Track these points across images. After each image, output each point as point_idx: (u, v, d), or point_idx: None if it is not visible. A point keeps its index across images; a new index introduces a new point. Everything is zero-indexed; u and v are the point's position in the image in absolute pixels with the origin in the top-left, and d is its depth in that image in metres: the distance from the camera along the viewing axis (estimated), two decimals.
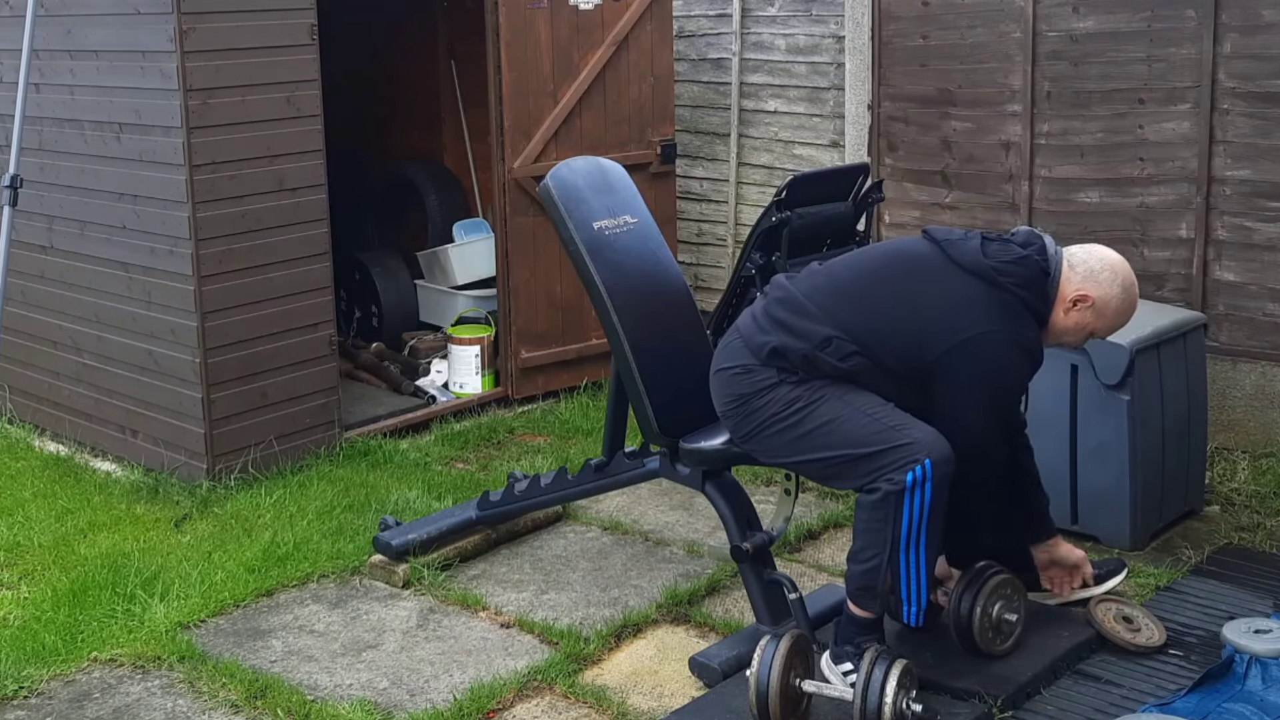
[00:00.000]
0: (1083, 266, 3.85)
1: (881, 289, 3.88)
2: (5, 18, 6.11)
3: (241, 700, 4.07)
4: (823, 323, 3.83)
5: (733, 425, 4.03)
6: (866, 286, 3.90)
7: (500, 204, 6.63)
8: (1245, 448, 5.74)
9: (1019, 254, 3.82)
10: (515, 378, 6.75)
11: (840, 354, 3.80)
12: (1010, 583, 4.05)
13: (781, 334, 3.87)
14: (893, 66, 6.74)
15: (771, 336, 3.88)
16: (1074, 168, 6.17)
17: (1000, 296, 3.77)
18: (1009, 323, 3.76)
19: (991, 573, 4.02)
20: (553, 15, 6.57)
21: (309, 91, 5.76)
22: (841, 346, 3.80)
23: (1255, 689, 3.81)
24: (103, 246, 5.91)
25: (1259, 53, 5.64)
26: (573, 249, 4.40)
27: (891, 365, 3.81)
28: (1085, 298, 3.83)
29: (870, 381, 3.82)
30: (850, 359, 3.80)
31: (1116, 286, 3.85)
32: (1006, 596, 4.01)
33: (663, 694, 4.08)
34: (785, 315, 3.90)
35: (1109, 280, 3.84)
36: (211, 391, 5.61)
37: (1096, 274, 3.84)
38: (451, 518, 5.06)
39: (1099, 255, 3.89)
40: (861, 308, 3.85)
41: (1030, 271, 3.81)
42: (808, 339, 3.83)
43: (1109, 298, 3.84)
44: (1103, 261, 3.86)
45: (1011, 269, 3.79)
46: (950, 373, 3.76)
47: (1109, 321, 3.90)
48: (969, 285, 3.79)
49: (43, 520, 5.41)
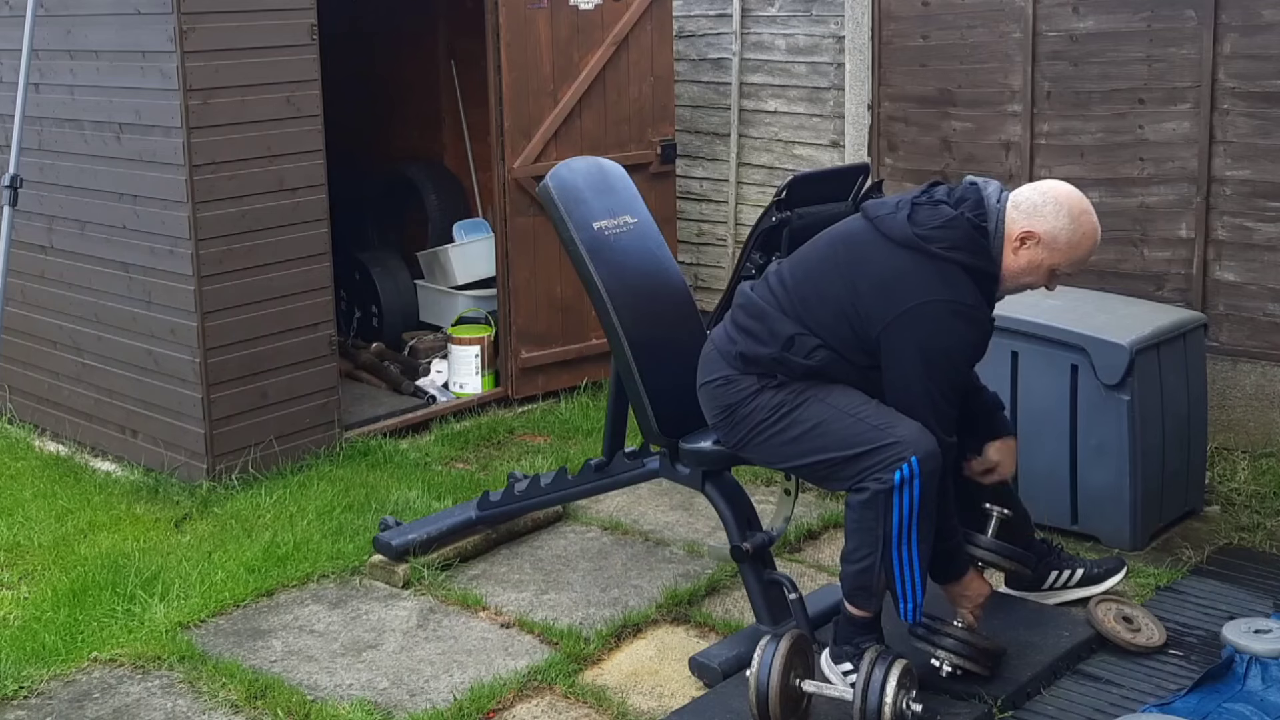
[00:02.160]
0: (1026, 203, 3.75)
1: (824, 277, 3.85)
2: (5, 18, 6.11)
3: (241, 700, 4.07)
4: (782, 323, 3.84)
5: (724, 435, 4.05)
6: (812, 276, 3.88)
7: (500, 204, 6.63)
8: (1245, 448, 5.74)
9: (947, 216, 3.75)
10: (515, 378, 6.75)
11: (804, 351, 3.80)
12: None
13: (748, 341, 3.89)
14: (893, 66, 6.74)
15: (740, 344, 3.91)
16: (1074, 168, 6.17)
17: (933, 264, 3.71)
18: (943, 290, 3.69)
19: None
20: (553, 15, 6.57)
21: (309, 91, 5.76)
22: (804, 343, 3.80)
23: (1255, 689, 3.81)
24: (103, 246, 5.91)
25: (1259, 53, 5.64)
26: (573, 249, 4.40)
27: (848, 354, 3.79)
28: (1030, 234, 3.73)
29: (839, 374, 3.81)
30: (815, 354, 3.80)
31: (1063, 218, 3.73)
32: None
33: (663, 694, 4.08)
34: (748, 322, 3.92)
35: (1053, 212, 3.73)
36: (211, 391, 5.61)
37: (1040, 208, 3.74)
38: (451, 518, 5.06)
39: (1043, 189, 3.79)
40: (810, 299, 3.84)
41: (960, 232, 3.72)
42: (772, 342, 3.84)
43: (1056, 230, 3.73)
44: (1045, 195, 3.76)
45: (939, 234, 3.72)
46: (892, 348, 3.72)
47: (1065, 255, 3.76)
48: (901, 258, 3.74)
49: (43, 520, 5.41)
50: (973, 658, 3.88)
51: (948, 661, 3.87)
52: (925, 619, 3.87)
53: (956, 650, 3.86)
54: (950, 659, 3.87)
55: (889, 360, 3.75)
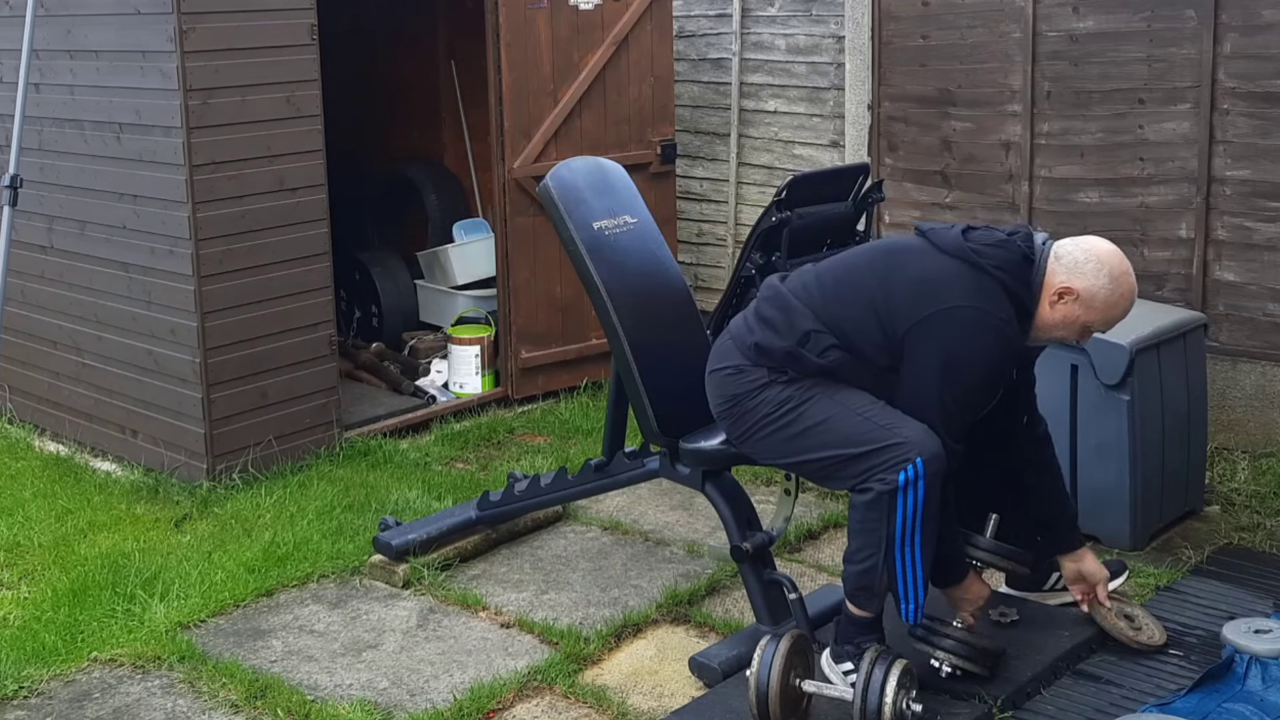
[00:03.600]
0: (1068, 258, 3.75)
1: (862, 276, 3.86)
2: (5, 18, 6.11)
3: (241, 700, 4.07)
4: (805, 317, 3.83)
5: (727, 426, 4.04)
6: (849, 276, 3.89)
7: (500, 204, 6.63)
8: (1245, 448, 5.74)
9: (1000, 238, 3.78)
10: (515, 378, 6.75)
11: (818, 348, 3.80)
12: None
13: (766, 332, 3.89)
14: (893, 66, 6.74)
15: (757, 335, 3.90)
16: (1074, 168, 6.17)
17: (976, 276, 3.71)
18: (982, 300, 3.69)
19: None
20: (553, 15, 6.57)
21: (309, 91, 5.76)
22: (820, 340, 3.80)
23: (1255, 689, 3.81)
24: (103, 246, 5.91)
25: (1259, 53, 5.64)
26: (573, 249, 4.40)
27: (869, 353, 3.78)
28: (1069, 290, 3.73)
29: (850, 377, 3.81)
30: (828, 353, 3.79)
31: (1103, 277, 3.73)
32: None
33: (663, 694, 4.08)
34: (772, 313, 3.91)
35: (1094, 271, 3.73)
36: (211, 391, 5.61)
37: (1081, 265, 3.74)
38: (451, 518, 5.06)
39: (1085, 246, 3.78)
40: (842, 296, 3.83)
41: (1010, 255, 3.74)
42: (790, 335, 3.83)
43: (1095, 289, 3.73)
44: (1088, 253, 3.76)
45: (990, 251, 3.73)
46: (915, 348, 3.71)
47: (1100, 314, 3.77)
48: (945, 263, 3.75)
49: (43, 520, 5.41)
50: (972, 658, 3.88)
51: (947, 662, 3.87)
52: (925, 619, 3.87)
53: (956, 650, 3.86)
54: (950, 659, 3.87)
55: (909, 360, 3.74)
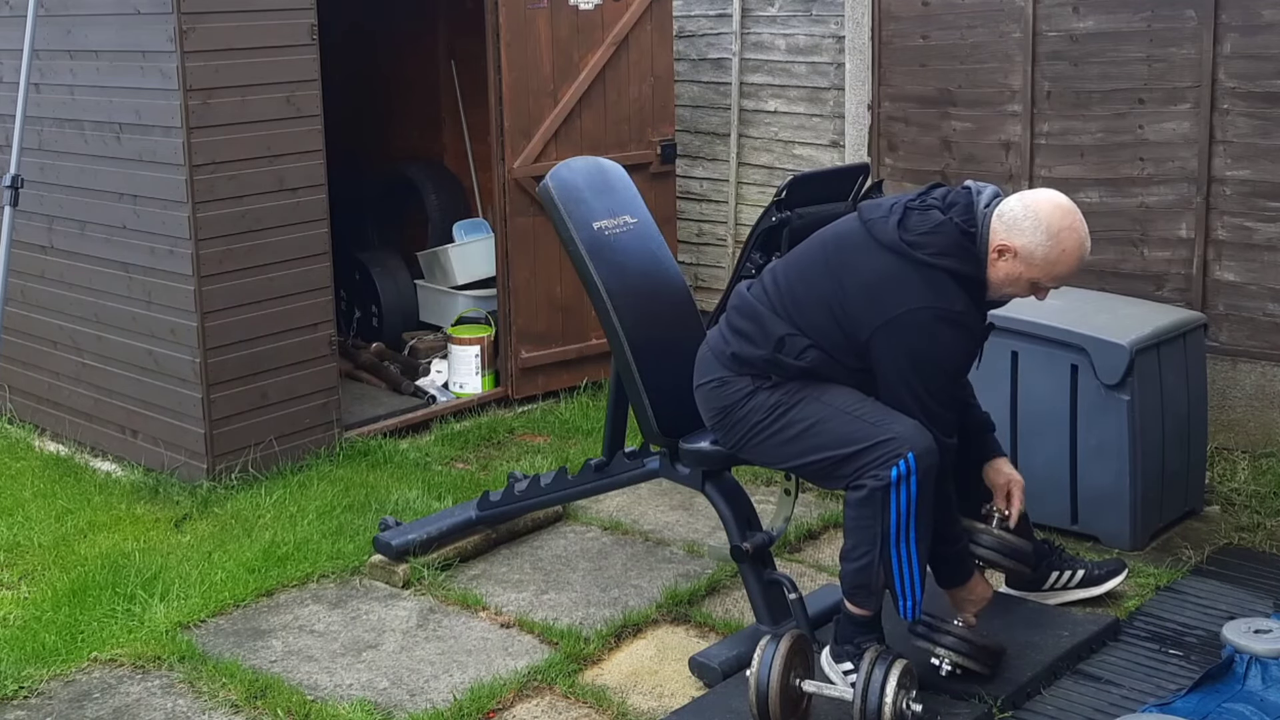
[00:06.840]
0: (1009, 215, 3.70)
1: (815, 277, 3.85)
2: (5, 18, 6.11)
3: (241, 700, 4.07)
4: (774, 324, 3.84)
5: (722, 436, 4.07)
6: (805, 276, 3.88)
7: (500, 204, 6.63)
8: (1245, 448, 5.74)
9: (935, 221, 3.73)
10: (515, 378, 6.75)
11: (795, 351, 3.81)
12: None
13: (741, 342, 3.90)
14: (893, 66, 6.74)
15: (733, 345, 3.92)
16: (1074, 168, 6.17)
17: (919, 271, 3.69)
18: (930, 297, 3.67)
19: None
20: (553, 15, 6.57)
21: (309, 91, 5.76)
22: (795, 343, 3.81)
23: (1255, 689, 3.81)
24: (103, 246, 5.91)
25: (1259, 53, 5.64)
26: (572, 249, 4.40)
27: (839, 355, 3.79)
28: (1007, 248, 3.69)
29: (831, 374, 3.82)
30: (806, 354, 3.80)
31: (1040, 234, 3.67)
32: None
33: (663, 694, 4.08)
34: (743, 324, 3.93)
35: (1031, 228, 3.67)
36: (211, 391, 5.61)
37: (1019, 222, 3.68)
38: (451, 518, 5.06)
39: (1027, 202, 3.72)
40: (802, 299, 3.83)
41: (947, 238, 3.70)
42: (765, 343, 3.84)
43: (1032, 245, 3.67)
44: (1028, 209, 3.70)
45: (926, 240, 3.70)
46: (881, 355, 3.72)
47: (1042, 270, 3.70)
48: (887, 262, 3.73)
49: (43, 520, 5.41)
50: (973, 655, 3.88)
51: (948, 660, 3.87)
52: (925, 617, 3.87)
53: (956, 648, 3.86)
54: (950, 657, 3.87)
55: (878, 364, 3.75)
